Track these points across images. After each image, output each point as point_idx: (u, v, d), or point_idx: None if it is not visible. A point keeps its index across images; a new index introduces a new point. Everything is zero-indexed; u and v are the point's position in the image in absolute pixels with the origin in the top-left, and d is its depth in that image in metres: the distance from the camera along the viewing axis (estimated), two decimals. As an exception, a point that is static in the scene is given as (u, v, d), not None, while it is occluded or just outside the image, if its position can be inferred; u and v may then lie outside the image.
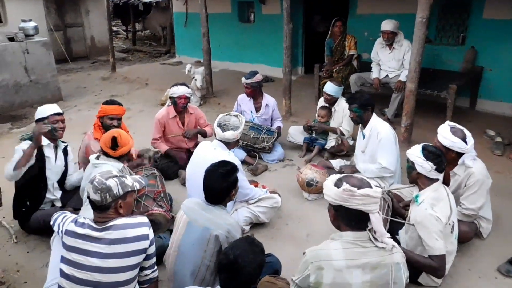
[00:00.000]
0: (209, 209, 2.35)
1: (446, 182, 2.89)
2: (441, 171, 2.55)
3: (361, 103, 3.58)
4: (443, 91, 5.11)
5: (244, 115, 4.84)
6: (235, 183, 2.43)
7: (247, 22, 9.15)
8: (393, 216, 2.90)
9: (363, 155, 3.79)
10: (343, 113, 4.52)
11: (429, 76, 5.60)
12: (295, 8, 6.79)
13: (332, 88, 4.50)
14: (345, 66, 6.03)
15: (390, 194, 3.04)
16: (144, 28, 16.64)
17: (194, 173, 3.11)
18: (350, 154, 4.41)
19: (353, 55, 6.02)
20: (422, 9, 4.19)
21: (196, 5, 7.29)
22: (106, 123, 3.56)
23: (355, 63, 6.13)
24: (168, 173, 4.20)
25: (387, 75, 5.57)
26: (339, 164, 4.09)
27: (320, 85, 6.12)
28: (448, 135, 2.78)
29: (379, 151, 3.56)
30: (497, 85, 5.82)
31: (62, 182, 3.45)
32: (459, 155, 2.85)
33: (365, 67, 6.01)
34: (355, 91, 5.33)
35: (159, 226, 3.06)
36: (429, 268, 2.48)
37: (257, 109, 4.83)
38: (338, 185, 1.84)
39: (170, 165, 4.29)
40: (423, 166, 2.52)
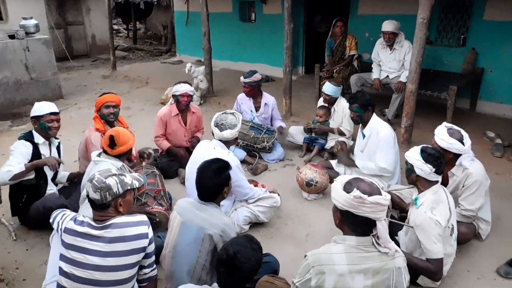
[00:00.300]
0: (203, 208, 2.35)
1: (445, 182, 2.88)
2: (440, 173, 2.54)
3: (362, 103, 3.58)
4: (443, 92, 5.11)
5: (244, 114, 4.84)
6: (227, 180, 2.43)
7: (248, 21, 9.14)
8: (393, 215, 2.90)
9: (362, 155, 3.79)
10: (342, 113, 4.53)
11: (429, 77, 5.60)
12: (296, 8, 6.80)
13: (331, 88, 4.50)
14: (346, 66, 6.03)
15: (390, 193, 3.04)
16: (147, 30, 16.64)
17: (193, 172, 3.08)
18: (349, 154, 4.41)
19: (353, 55, 6.02)
20: (423, 10, 4.20)
21: (197, 4, 7.29)
22: (104, 113, 3.56)
23: (355, 63, 6.13)
24: (168, 172, 4.20)
25: (387, 76, 5.57)
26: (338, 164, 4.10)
27: (320, 85, 6.11)
28: (445, 136, 2.78)
29: (377, 151, 3.57)
30: (497, 87, 5.82)
31: (54, 177, 3.48)
32: (456, 156, 2.85)
33: (366, 67, 6.00)
34: (356, 91, 5.33)
35: (159, 225, 3.06)
36: (426, 271, 2.48)
37: (256, 108, 4.83)
38: (348, 189, 1.80)
39: (170, 164, 4.29)
40: (422, 169, 2.51)
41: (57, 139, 3.47)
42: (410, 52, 4.87)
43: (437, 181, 2.57)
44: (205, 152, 3.14)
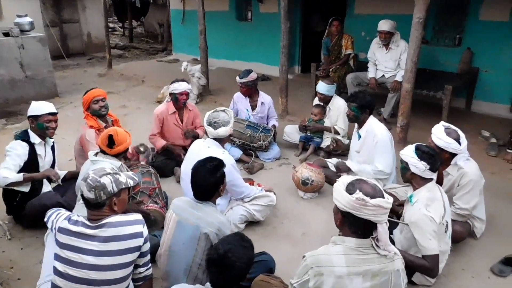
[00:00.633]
0: (199, 207, 2.35)
1: (440, 181, 2.90)
2: (435, 170, 2.56)
3: (361, 103, 3.59)
4: (439, 91, 5.13)
5: (240, 113, 4.85)
6: (222, 178, 2.43)
7: (245, 20, 9.13)
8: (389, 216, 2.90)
9: (358, 155, 3.80)
10: (337, 112, 4.54)
11: (425, 76, 5.61)
12: (292, 7, 6.79)
13: (324, 87, 4.52)
14: (342, 65, 6.04)
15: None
16: (145, 30, 16.57)
17: (188, 172, 3.09)
18: (345, 153, 4.41)
19: (350, 54, 6.03)
20: (419, 10, 4.21)
21: (194, 3, 7.27)
22: (95, 109, 3.59)
23: (352, 62, 6.14)
24: (164, 171, 4.19)
25: (383, 75, 5.58)
26: (335, 162, 4.10)
27: (316, 84, 6.12)
28: (443, 135, 2.79)
29: (376, 154, 3.57)
30: (492, 87, 5.85)
31: (50, 179, 3.46)
32: (452, 155, 2.87)
33: (362, 66, 6.01)
34: (359, 91, 5.33)
35: (154, 222, 3.06)
36: (422, 268, 2.49)
37: (253, 107, 4.83)
38: (350, 191, 1.78)
39: (166, 162, 4.28)
40: (417, 166, 2.52)
41: (51, 138, 3.45)
42: (406, 52, 4.88)
43: (431, 179, 2.58)
44: (200, 151, 3.13)
